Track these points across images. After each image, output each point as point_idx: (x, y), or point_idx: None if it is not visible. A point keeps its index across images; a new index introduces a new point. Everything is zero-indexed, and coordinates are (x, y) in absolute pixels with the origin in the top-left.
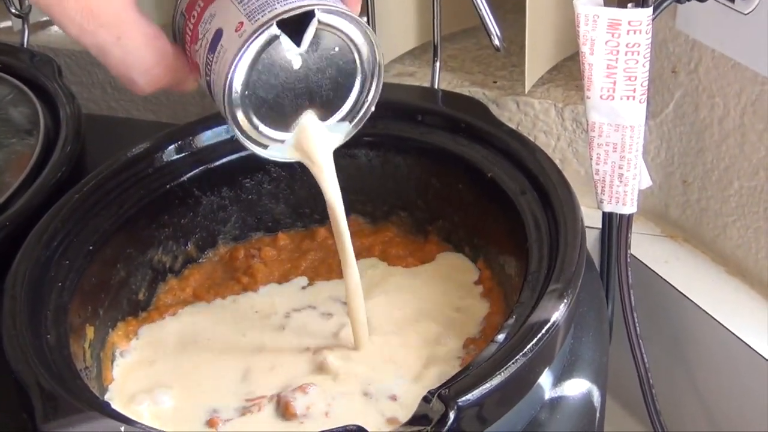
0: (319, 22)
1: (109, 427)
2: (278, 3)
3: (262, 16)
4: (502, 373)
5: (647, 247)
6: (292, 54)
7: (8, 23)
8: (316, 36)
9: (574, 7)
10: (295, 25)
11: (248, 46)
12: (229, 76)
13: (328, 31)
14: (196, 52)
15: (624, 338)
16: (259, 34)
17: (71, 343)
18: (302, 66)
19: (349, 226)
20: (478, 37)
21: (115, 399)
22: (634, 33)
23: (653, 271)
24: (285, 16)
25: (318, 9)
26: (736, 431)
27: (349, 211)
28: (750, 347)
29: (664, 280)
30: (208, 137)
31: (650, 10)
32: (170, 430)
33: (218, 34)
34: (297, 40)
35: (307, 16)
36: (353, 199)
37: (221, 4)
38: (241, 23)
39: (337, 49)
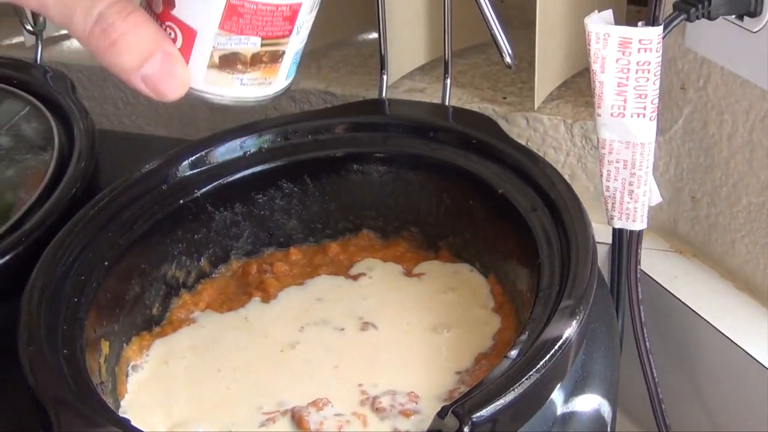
0: None
1: None
2: None
3: None
4: (516, 389)
5: (656, 263)
6: None
7: (20, 38)
8: None
9: (584, 25)
10: None
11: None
12: None
13: None
14: None
15: (633, 353)
16: None
17: (87, 358)
18: None
19: (360, 241)
20: (488, 53)
21: (129, 413)
22: (645, 51)
23: (662, 286)
24: None
25: None
26: None
27: (360, 225)
28: (758, 362)
29: (673, 295)
30: (221, 153)
31: (660, 28)
32: None
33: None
34: None
35: None
36: (364, 214)
37: None
38: None
39: None
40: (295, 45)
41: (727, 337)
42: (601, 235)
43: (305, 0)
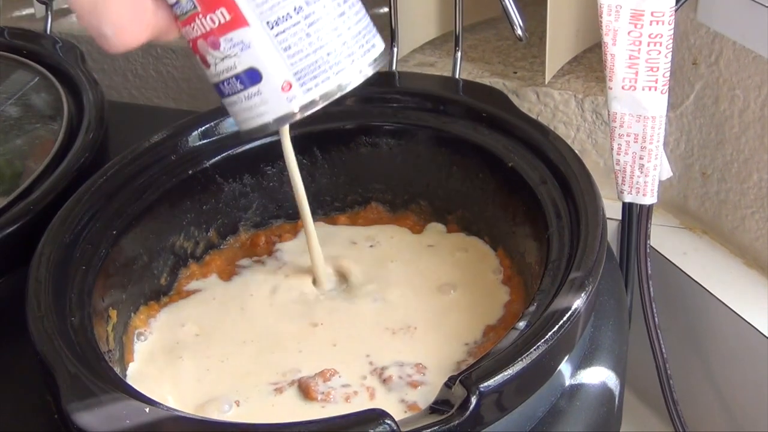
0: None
1: (134, 408)
2: (332, 65)
3: (315, 89)
4: (524, 360)
5: (666, 239)
6: None
7: (31, 10)
8: None
9: None
10: None
11: (293, 117)
12: (261, 130)
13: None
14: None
15: (641, 329)
16: (307, 109)
17: (95, 326)
18: None
19: (369, 213)
20: (498, 28)
21: (135, 382)
22: (657, 24)
23: (671, 262)
24: (332, 99)
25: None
26: (753, 421)
27: (369, 198)
28: (767, 337)
29: (682, 271)
30: (231, 124)
31: (673, 0)
32: (193, 411)
33: (252, 74)
34: None
35: None
36: (374, 187)
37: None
38: (289, 84)
39: None
40: None
41: (736, 313)
42: (611, 211)
43: None
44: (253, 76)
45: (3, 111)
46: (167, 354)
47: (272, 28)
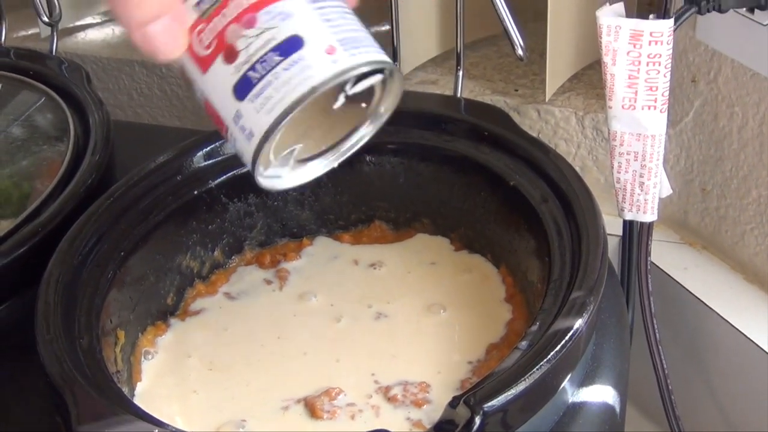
0: (382, 81)
1: (143, 429)
2: (367, 45)
3: (359, 55)
4: (527, 380)
5: (666, 254)
6: (341, 94)
7: (36, 30)
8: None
9: (596, 17)
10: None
11: (339, 77)
12: (306, 96)
13: (378, 87)
14: (234, 30)
15: (642, 344)
16: (353, 70)
17: (104, 347)
18: (338, 104)
19: (372, 231)
20: (499, 45)
21: (143, 402)
22: (656, 44)
23: (672, 278)
24: (375, 67)
25: (395, 69)
26: None
27: (372, 216)
28: (767, 353)
29: (683, 286)
30: None
31: (672, 21)
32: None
33: (295, 41)
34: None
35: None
36: (377, 205)
37: (295, 4)
38: (333, 48)
39: (363, 104)
40: None
41: (736, 328)
42: (612, 226)
43: None
44: (294, 43)
45: (9, 132)
46: (175, 373)
47: (314, 2)
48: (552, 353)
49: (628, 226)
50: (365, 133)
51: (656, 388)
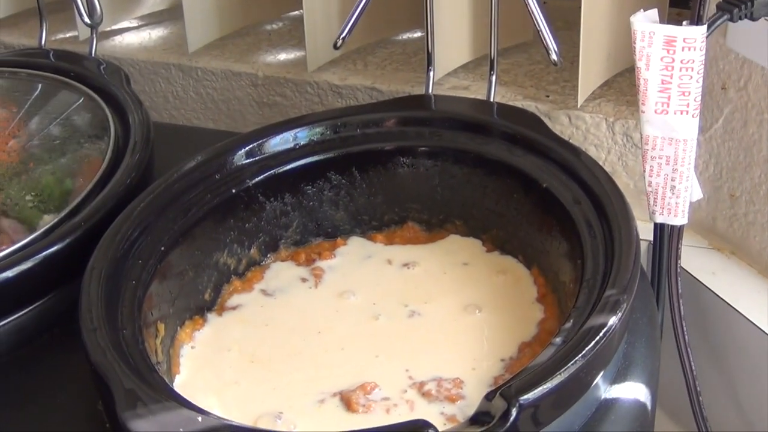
0: None
1: (187, 418)
2: None
3: None
4: (562, 374)
5: (695, 259)
6: None
7: (75, 33)
8: None
9: (630, 23)
10: None
11: None
12: None
13: None
14: None
15: (670, 348)
16: None
17: (146, 338)
18: None
19: (405, 232)
20: (530, 52)
21: (183, 392)
22: (689, 50)
23: (700, 282)
24: None
25: None
26: None
27: (405, 217)
28: None
29: (711, 291)
30: (275, 144)
31: (705, 27)
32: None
33: None
34: None
35: None
36: (410, 207)
37: None
38: None
39: None
40: None
41: (763, 331)
42: (642, 232)
43: None
44: None
45: (50, 131)
46: (213, 366)
47: None
48: (587, 349)
49: (659, 230)
50: None
51: (681, 388)
